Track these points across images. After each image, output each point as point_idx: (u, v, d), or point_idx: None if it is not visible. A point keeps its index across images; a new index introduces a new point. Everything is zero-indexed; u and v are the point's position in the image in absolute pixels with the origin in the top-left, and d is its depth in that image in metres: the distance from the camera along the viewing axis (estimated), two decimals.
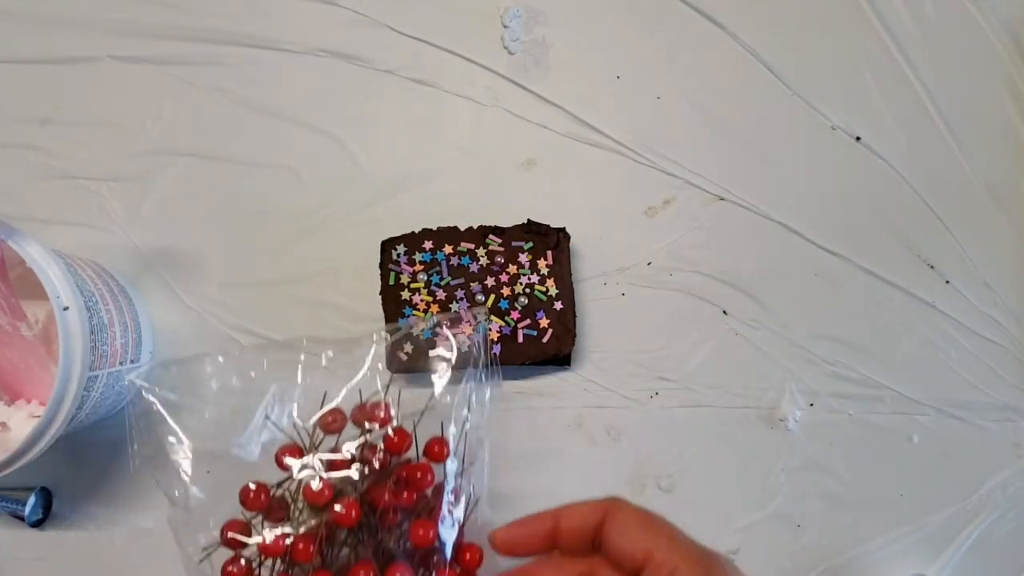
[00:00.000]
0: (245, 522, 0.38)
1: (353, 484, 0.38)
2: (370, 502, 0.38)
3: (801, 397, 0.52)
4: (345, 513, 0.37)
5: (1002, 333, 0.52)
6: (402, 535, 0.38)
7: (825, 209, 0.53)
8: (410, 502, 0.38)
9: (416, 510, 0.39)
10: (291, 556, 0.37)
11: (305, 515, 0.38)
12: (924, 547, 0.51)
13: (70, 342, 0.40)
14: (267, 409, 0.41)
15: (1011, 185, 0.53)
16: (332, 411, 0.40)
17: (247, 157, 0.53)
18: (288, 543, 0.37)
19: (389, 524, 0.38)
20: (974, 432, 0.52)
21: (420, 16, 0.54)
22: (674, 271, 0.52)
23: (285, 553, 0.37)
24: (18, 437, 0.41)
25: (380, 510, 0.38)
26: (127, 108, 0.53)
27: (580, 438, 0.51)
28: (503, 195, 0.53)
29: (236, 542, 0.37)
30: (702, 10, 0.54)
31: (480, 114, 0.53)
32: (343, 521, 0.37)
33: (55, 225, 0.52)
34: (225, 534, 0.38)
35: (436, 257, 0.50)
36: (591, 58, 0.54)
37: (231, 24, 0.53)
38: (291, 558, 0.37)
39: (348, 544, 0.38)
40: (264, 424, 0.40)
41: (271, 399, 0.41)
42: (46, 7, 0.53)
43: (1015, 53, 0.54)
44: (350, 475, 0.38)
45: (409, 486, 0.39)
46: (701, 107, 0.54)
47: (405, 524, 0.38)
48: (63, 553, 0.50)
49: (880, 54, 0.54)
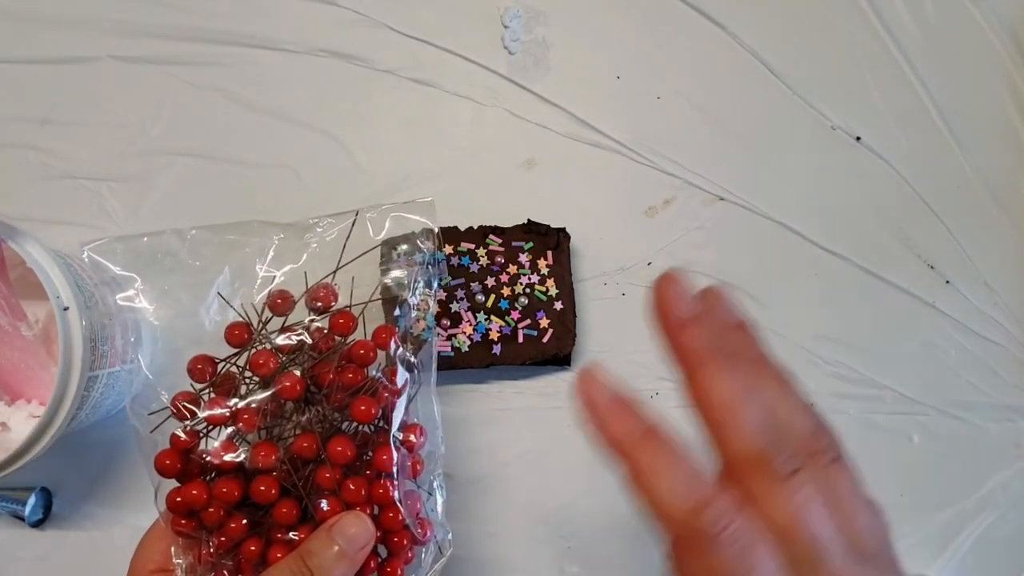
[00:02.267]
0: (195, 394, 0.39)
1: (299, 361, 0.40)
2: (315, 379, 0.39)
3: None
4: (290, 386, 0.38)
5: (1002, 333, 0.52)
6: (346, 414, 0.39)
7: (825, 209, 0.53)
8: (355, 381, 0.39)
9: (360, 388, 0.39)
10: (237, 425, 0.38)
11: (253, 389, 0.39)
12: (924, 547, 0.51)
13: (70, 342, 0.40)
14: (218, 287, 0.41)
15: (1011, 185, 0.53)
16: (280, 292, 0.41)
17: (247, 157, 0.53)
18: (234, 412, 0.38)
19: (334, 402, 0.39)
20: (974, 432, 0.52)
21: (420, 16, 0.54)
22: None
23: (231, 423, 0.38)
24: (18, 437, 0.41)
25: (325, 387, 0.39)
26: (127, 108, 0.53)
27: (580, 438, 0.51)
28: (503, 195, 0.53)
29: (185, 411, 0.38)
30: (702, 10, 0.54)
31: (480, 114, 0.53)
32: (288, 394, 0.38)
33: (55, 225, 0.52)
34: (175, 403, 0.39)
35: (436, 257, 0.50)
36: (591, 58, 0.54)
37: (231, 24, 0.53)
38: (237, 427, 0.38)
39: (293, 419, 0.39)
40: (215, 301, 0.41)
41: (224, 278, 0.42)
42: (46, 7, 0.53)
43: (1015, 53, 0.54)
44: (296, 347, 0.39)
45: (353, 364, 0.40)
46: (701, 107, 0.54)
47: (349, 402, 0.39)
48: (63, 553, 0.50)
49: (880, 54, 0.54)
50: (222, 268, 0.42)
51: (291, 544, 0.37)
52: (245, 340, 0.40)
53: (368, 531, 0.37)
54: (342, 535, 0.36)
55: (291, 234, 0.43)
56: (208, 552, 0.38)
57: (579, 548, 0.50)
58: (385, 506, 0.39)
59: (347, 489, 0.38)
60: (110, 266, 0.41)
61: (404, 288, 0.43)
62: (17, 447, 0.40)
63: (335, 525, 0.36)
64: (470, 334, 0.49)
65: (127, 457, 0.51)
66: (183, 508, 0.38)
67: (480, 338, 0.49)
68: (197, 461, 0.38)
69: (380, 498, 0.38)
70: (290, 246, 0.42)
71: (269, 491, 0.37)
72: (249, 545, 0.37)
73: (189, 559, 0.38)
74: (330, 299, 0.41)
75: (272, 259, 0.42)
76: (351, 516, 0.37)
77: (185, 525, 0.38)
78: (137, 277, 0.41)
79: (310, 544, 0.36)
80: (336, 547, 0.36)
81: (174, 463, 0.38)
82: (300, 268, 0.42)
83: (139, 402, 0.40)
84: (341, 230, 0.43)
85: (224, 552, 0.38)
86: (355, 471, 0.39)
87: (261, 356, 0.39)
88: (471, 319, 0.49)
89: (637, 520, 0.53)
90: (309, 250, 0.42)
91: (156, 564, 0.39)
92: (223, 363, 0.40)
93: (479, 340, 0.49)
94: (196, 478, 0.38)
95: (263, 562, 0.37)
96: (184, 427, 0.38)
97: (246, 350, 0.40)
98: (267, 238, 0.42)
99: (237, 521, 0.37)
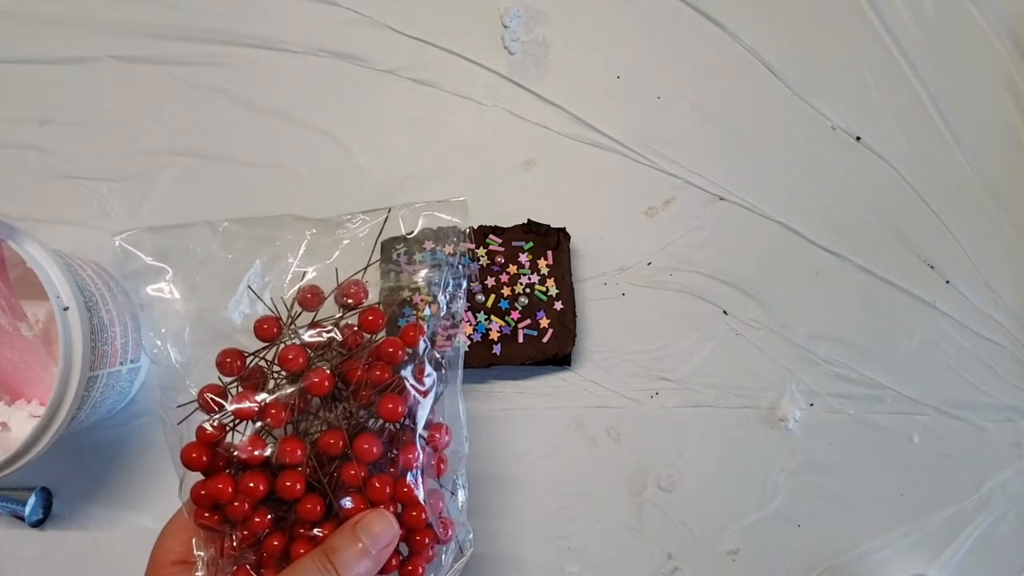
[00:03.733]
0: (222, 387, 0.39)
1: (328, 357, 0.40)
2: (343, 376, 0.39)
3: (801, 397, 0.52)
4: (319, 382, 0.38)
5: (1002, 333, 0.52)
6: (374, 411, 0.39)
7: (825, 209, 0.53)
8: (382, 379, 0.39)
9: (387, 386, 0.39)
10: (264, 420, 0.37)
11: (281, 384, 0.39)
12: (924, 547, 0.51)
13: (70, 342, 0.40)
14: (249, 280, 0.41)
15: (1011, 185, 0.53)
16: (311, 287, 0.41)
17: (247, 157, 0.53)
18: (262, 407, 0.38)
19: (361, 399, 0.39)
20: (974, 432, 0.52)
21: (420, 16, 0.54)
22: (674, 271, 0.52)
23: (258, 418, 0.38)
24: (18, 437, 0.42)
25: (353, 384, 0.39)
26: (127, 108, 0.53)
27: (580, 438, 0.51)
28: (503, 195, 0.53)
29: (212, 404, 0.38)
30: (702, 10, 0.54)
31: (480, 114, 0.53)
32: (316, 389, 0.38)
33: (55, 225, 0.52)
34: (203, 396, 0.38)
35: (436, 257, 0.50)
36: (591, 58, 0.54)
37: (231, 24, 0.53)
38: (264, 422, 0.38)
39: (320, 416, 0.39)
40: (245, 294, 0.41)
41: (255, 272, 0.42)
42: (46, 7, 0.53)
43: (1015, 53, 0.54)
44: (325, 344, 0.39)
45: (381, 362, 0.39)
46: (701, 107, 0.54)
47: (376, 400, 0.39)
48: (63, 553, 0.50)
49: (880, 54, 0.54)
50: (253, 262, 0.42)
51: (314, 540, 0.37)
52: (275, 334, 0.40)
53: (392, 529, 0.37)
54: (367, 532, 0.36)
55: (323, 230, 0.43)
56: (231, 545, 0.38)
57: (579, 548, 0.50)
58: (409, 505, 0.39)
59: (372, 487, 0.38)
60: (141, 255, 0.41)
61: (437, 287, 0.43)
62: (17, 447, 0.40)
63: (360, 522, 0.36)
64: (470, 334, 0.49)
65: (127, 457, 0.51)
66: (208, 501, 0.37)
67: (480, 338, 0.49)
68: (223, 454, 0.38)
69: (404, 497, 0.38)
70: (321, 242, 0.42)
71: (295, 487, 0.37)
72: (272, 540, 0.37)
73: (211, 552, 0.38)
74: (360, 296, 0.41)
75: (303, 254, 0.42)
76: (376, 514, 0.37)
77: (209, 518, 0.38)
78: (169, 268, 0.41)
79: (334, 541, 0.36)
80: (360, 544, 0.36)
81: (200, 456, 0.37)
82: (331, 264, 0.42)
83: (168, 394, 0.40)
84: (373, 227, 0.43)
85: (247, 546, 0.38)
86: (380, 469, 0.39)
87: (290, 351, 0.39)
88: (471, 319, 0.49)
89: (637, 520, 0.53)
90: (340, 246, 0.42)
91: (177, 555, 0.39)
92: (252, 357, 0.40)
93: (479, 340, 0.49)
94: (221, 471, 0.38)
95: (286, 557, 0.37)
96: (211, 420, 0.38)
97: (275, 345, 0.40)
98: (299, 233, 0.42)
99: (261, 515, 0.37)
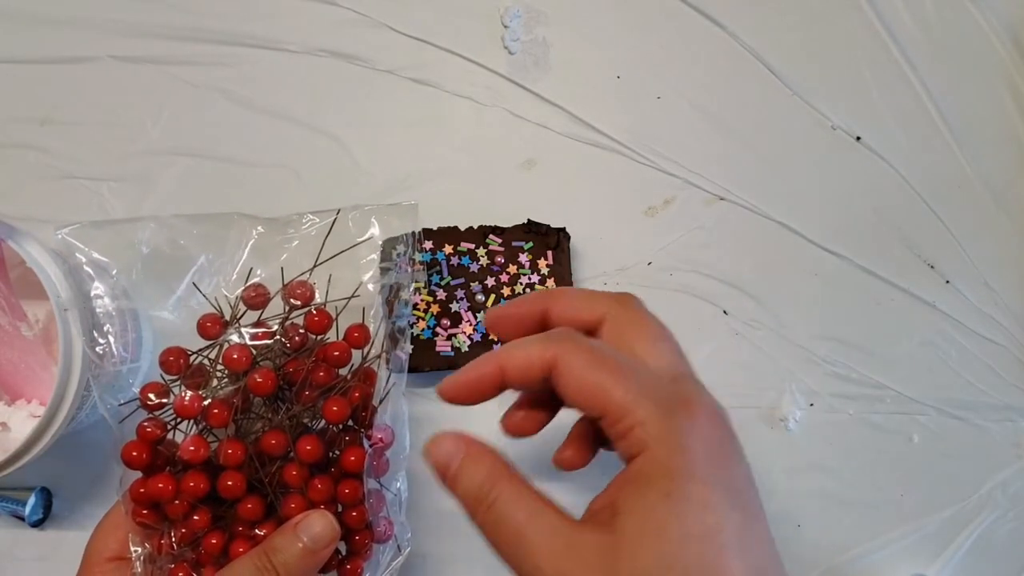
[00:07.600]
0: (164, 385, 0.39)
1: (272, 357, 0.39)
2: (287, 376, 0.39)
3: (801, 397, 0.52)
4: (262, 382, 0.37)
5: (1002, 333, 0.52)
6: (316, 412, 0.39)
7: (825, 209, 0.53)
8: (326, 380, 0.39)
9: (331, 388, 0.39)
10: (206, 419, 0.37)
11: (224, 383, 0.39)
12: (924, 547, 0.51)
13: (70, 342, 0.40)
14: (194, 277, 0.41)
15: (1011, 185, 0.53)
16: (256, 286, 0.41)
17: (247, 157, 0.53)
18: (204, 406, 0.37)
19: (305, 401, 0.39)
20: (974, 432, 0.52)
21: (420, 16, 0.54)
22: (674, 271, 0.52)
23: (200, 416, 0.37)
24: (18, 437, 0.42)
25: (296, 385, 0.39)
26: (127, 108, 0.53)
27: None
28: (503, 195, 0.53)
29: (154, 403, 0.38)
30: (702, 10, 0.54)
31: (480, 114, 0.53)
32: (259, 389, 0.38)
33: (55, 225, 0.52)
34: (144, 394, 0.38)
35: (436, 257, 0.50)
36: (591, 58, 0.54)
37: (231, 24, 0.53)
38: (206, 421, 0.37)
39: (263, 416, 0.39)
40: (190, 291, 0.41)
41: (200, 268, 0.41)
42: (46, 7, 0.53)
43: (1015, 53, 0.54)
44: (269, 345, 0.39)
45: (326, 364, 0.39)
46: (701, 107, 0.54)
47: (320, 402, 0.39)
48: (63, 553, 0.50)
49: (880, 54, 0.54)
50: (198, 258, 0.41)
51: (254, 539, 0.37)
52: (218, 333, 0.40)
53: (333, 529, 0.37)
54: (307, 533, 0.36)
55: (272, 229, 0.42)
56: (168, 543, 0.38)
57: None
58: (349, 505, 0.39)
59: (314, 488, 0.38)
60: (85, 249, 0.40)
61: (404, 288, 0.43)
62: (17, 447, 0.40)
63: (300, 523, 0.37)
64: (470, 334, 0.49)
65: None
66: (147, 499, 0.37)
67: (480, 338, 0.49)
68: (164, 453, 0.38)
69: (346, 498, 0.38)
70: (270, 241, 0.42)
71: (236, 487, 0.37)
72: (211, 538, 0.37)
73: (148, 549, 0.38)
74: (308, 296, 0.41)
75: (250, 252, 0.42)
76: (316, 514, 0.37)
77: (147, 516, 0.38)
78: (113, 264, 0.40)
79: (274, 540, 0.36)
80: (301, 544, 0.36)
81: (140, 454, 0.37)
82: (279, 264, 0.41)
83: (111, 392, 0.40)
84: (322, 228, 0.42)
85: (185, 544, 0.38)
86: (322, 469, 0.39)
87: (235, 350, 0.38)
88: (471, 319, 0.49)
89: None
90: (290, 246, 0.42)
91: (113, 552, 0.39)
92: (195, 355, 0.40)
93: (479, 340, 0.49)
94: (162, 470, 0.38)
95: (225, 555, 0.37)
96: (152, 418, 0.38)
97: (219, 343, 0.40)
98: (246, 232, 0.42)
99: (201, 514, 0.37)
